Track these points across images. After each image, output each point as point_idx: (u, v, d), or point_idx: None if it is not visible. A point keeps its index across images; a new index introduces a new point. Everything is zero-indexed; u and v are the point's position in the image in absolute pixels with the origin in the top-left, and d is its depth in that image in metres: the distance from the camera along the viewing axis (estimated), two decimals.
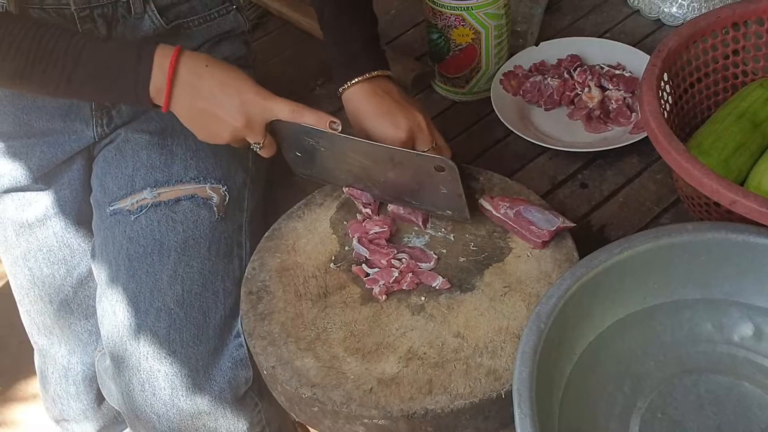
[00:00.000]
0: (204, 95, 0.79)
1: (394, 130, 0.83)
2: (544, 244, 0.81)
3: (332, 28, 0.89)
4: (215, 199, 0.89)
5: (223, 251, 0.87)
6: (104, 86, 0.79)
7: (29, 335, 1.05)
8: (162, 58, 0.77)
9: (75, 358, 1.02)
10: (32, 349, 1.07)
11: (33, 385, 1.47)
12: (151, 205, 0.87)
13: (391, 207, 0.87)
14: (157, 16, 0.90)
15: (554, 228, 0.80)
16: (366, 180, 0.86)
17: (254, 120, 0.80)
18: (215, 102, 0.78)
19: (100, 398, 1.06)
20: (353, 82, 0.86)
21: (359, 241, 0.83)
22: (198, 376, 0.81)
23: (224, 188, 0.90)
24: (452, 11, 0.98)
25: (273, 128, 0.82)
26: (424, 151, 0.85)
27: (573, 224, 0.82)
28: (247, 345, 0.82)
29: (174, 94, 0.79)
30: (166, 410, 0.81)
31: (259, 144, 0.82)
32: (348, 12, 0.88)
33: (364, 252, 0.83)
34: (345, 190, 0.89)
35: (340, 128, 0.80)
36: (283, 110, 0.80)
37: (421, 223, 0.85)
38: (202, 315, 0.83)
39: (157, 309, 0.82)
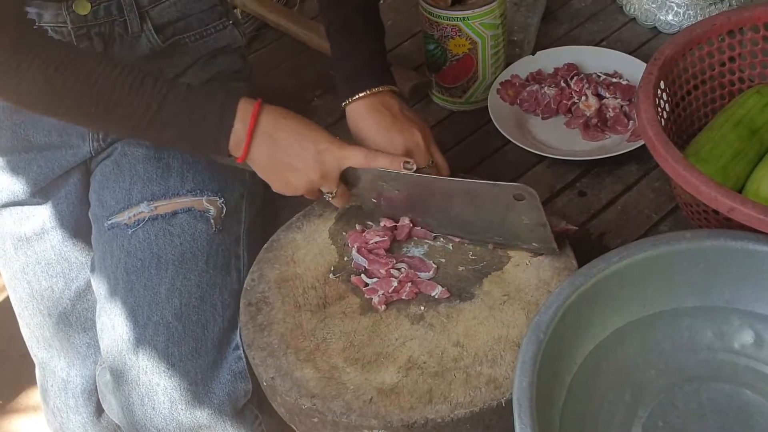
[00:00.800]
0: (281, 147, 0.80)
1: (391, 148, 0.84)
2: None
3: (338, 42, 0.90)
4: (212, 211, 0.89)
5: (220, 264, 0.87)
6: (184, 133, 0.79)
7: (29, 348, 1.05)
8: (244, 111, 0.78)
9: (74, 371, 1.02)
10: (33, 362, 1.07)
11: (34, 398, 1.47)
12: (148, 218, 0.87)
13: (404, 221, 0.86)
14: (154, 34, 0.90)
15: (557, 228, 0.80)
16: (444, 220, 0.84)
17: (329, 169, 0.81)
18: (292, 153, 0.80)
19: (99, 411, 1.06)
20: (355, 97, 0.87)
21: (358, 251, 0.83)
22: (197, 390, 0.81)
23: (221, 200, 0.90)
24: (448, 21, 0.98)
25: (346, 177, 0.83)
26: (422, 169, 0.84)
27: (575, 227, 0.82)
28: (246, 357, 0.82)
29: (253, 146, 0.79)
30: (165, 424, 0.81)
31: (332, 193, 0.83)
32: (355, 24, 0.89)
33: (363, 262, 0.83)
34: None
35: (414, 168, 0.81)
36: (357, 157, 0.81)
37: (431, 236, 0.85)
38: (200, 328, 0.83)
39: (155, 323, 0.82)
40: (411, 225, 0.85)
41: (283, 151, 0.80)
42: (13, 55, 0.73)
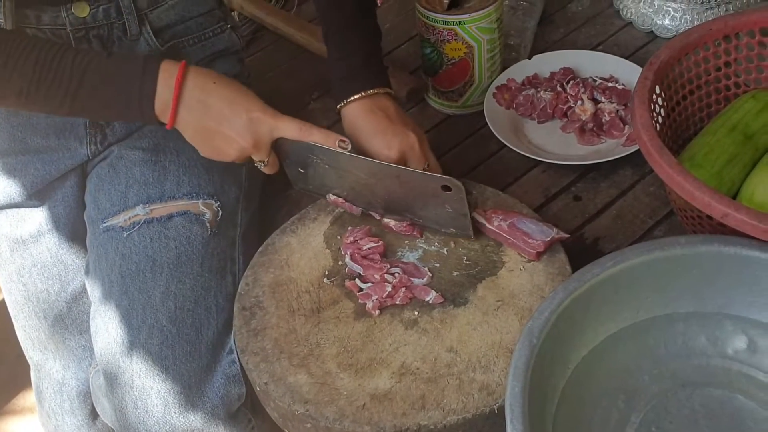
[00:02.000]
0: (212, 113, 0.78)
1: (386, 150, 0.84)
2: (539, 255, 0.80)
3: (335, 43, 0.90)
4: (208, 215, 0.89)
5: (215, 267, 0.87)
6: (108, 103, 0.78)
7: (24, 350, 1.05)
8: (167, 74, 0.77)
9: (69, 373, 1.02)
10: (29, 364, 1.07)
11: (30, 399, 1.47)
12: (144, 221, 0.87)
13: (385, 220, 0.87)
14: (153, 37, 0.90)
15: (549, 238, 0.80)
16: (368, 196, 0.86)
17: (262, 138, 0.80)
18: (223, 120, 0.78)
19: (94, 414, 1.06)
20: (350, 99, 0.87)
21: (352, 258, 0.83)
22: (191, 393, 0.81)
23: (217, 204, 0.90)
24: (445, 26, 0.98)
25: (277, 145, 0.83)
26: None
27: (567, 235, 0.82)
28: (240, 361, 0.82)
29: (180, 111, 0.78)
30: (158, 428, 0.81)
31: (263, 162, 0.82)
32: (351, 27, 0.89)
33: (358, 269, 0.83)
34: (330, 198, 0.89)
35: (349, 147, 0.81)
36: (291, 128, 0.80)
37: (417, 234, 0.86)
38: (194, 331, 0.83)
39: (149, 326, 0.82)
40: (341, 200, 0.87)
41: (213, 118, 0.78)
42: None
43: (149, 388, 0.81)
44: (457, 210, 0.81)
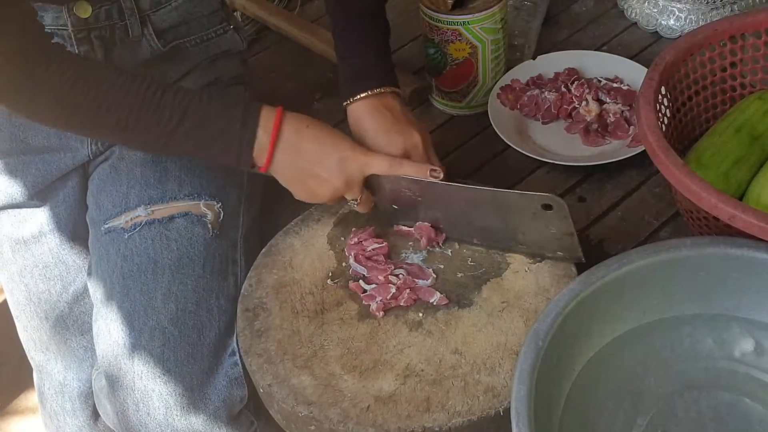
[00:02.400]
0: (304, 156, 0.79)
1: (390, 148, 0.84)
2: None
3: (343, 41, 0.89)
4: (209, 216, 0.88)
5: (217, 269, 0.87)
6: (205, 145, 0.78)
7: (26, 351, 1.05)
8: (267, 119, 0.78)
9: (71, 374, 1.02)
10: (31, 365, 1.07)
11: (32, 400, 1.46)
12: (145, 222, 0.87)
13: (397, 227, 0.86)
14: (155, 38, 0.90)
15: None
16: (464, 226, 0.83)
17: (353, 177, 0.81)
18: (315, 162, 0.79)
19: (96, 415, 1.05)
20: (356, 98, 0.86)
21: (356, 259, 0.83)
22: (192, 395, 0.81)
23: (219, 205, 0.90)
24: (449, 26, 0.98)
25: (368, 182, 0.83)
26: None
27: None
28: (242, 363, 0.82)
29: (276, 156, 0.79)
30: (160, 430, 0.80)
31: (356, 200, 0.83)
32: (360, 25, 0.88)
33: (362, 270, 0.82)
34: (415, 228, 0.85)
35: (441, 176, 0.80)
36: (381, 165, 0.81)
37: (424, 241, 0.85)
38: (196, 333, 0.83)
39: (151, 328, 0.82)
40: (433, 229, 0.84)
41: (306, 160, 0.80)
42: (23, 65, 0.71)
43: (151, 390, 0.81)
44: (562, 230, 0.76)
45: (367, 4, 0.88)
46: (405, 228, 0.86)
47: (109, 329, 0.84)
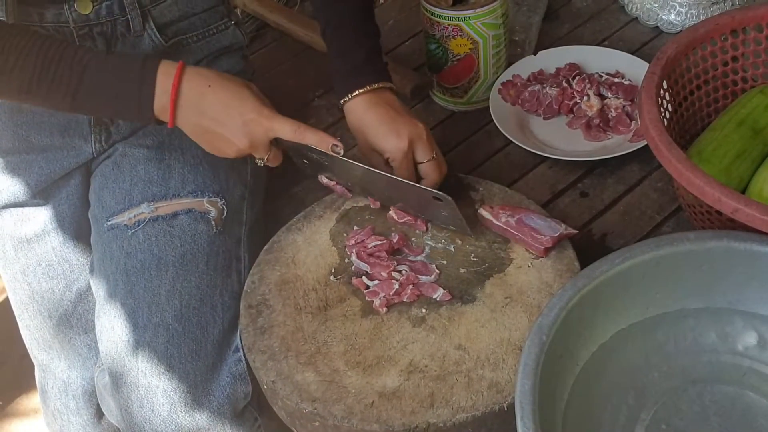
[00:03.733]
0: (207, 115, 0.79)
1: (396, 139, 0.84)
2: (547, 251, 0.80)
3: (335, 40, 0.89)
4: (213, 212, 0.89)
5: (221, 265, 0.87)
6: (108, 104, 0.79)
7: (29, 350, 1.05)
8: (165, 77, 0.78)
9: (75, 372, 1.02)
10: (33, 364, 1.07)
11: (34, 400, 1.46)
12: (149, 219, 0.87)
13: (390, 212, 0.87)
14: (156, 33, 0.90)
15: (557, 234, 0.80)
16: (370, 193, 0.88)
17: (258, 139, 0.80)
18: (218, 122, 0.79)
19: (99, 413, 1.06)
20: (355, 94, 0.87)
21: (358, 256, 0.83)
22: (196, 392, 0.81)
23: (222, 202, 0.90)
24: (450, 21, 0.98)
25: (277, 141, 0.83)
26: (423, 163, 0.85)
27: (575, 231, 0.81)
28: (246, 359, 0.82)
29: (178, 113, 0.79)
30: (164, 427, 0.80)
31: (263, 159, 0.83)
32: (350, 25, 0.89)
33: (365, 267, 0.82)
34: (323, 181, 0.90)
35: (342, 152, 0.81)
36: (285, 130, 0.80)
37: (423, 227, 0.86)
38: (200, 330, 0.83)
39: (155, 324, 0.82)
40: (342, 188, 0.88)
41: (209, 120, 0.79)
42: None
43: (155, 386, 0.81)
44: (452, 215, 0.82)
45: (355, 6, 0.89)
46: (327, 180, 0.89)
47: (112, 326, 0.84)
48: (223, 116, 0.79)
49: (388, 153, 0.85)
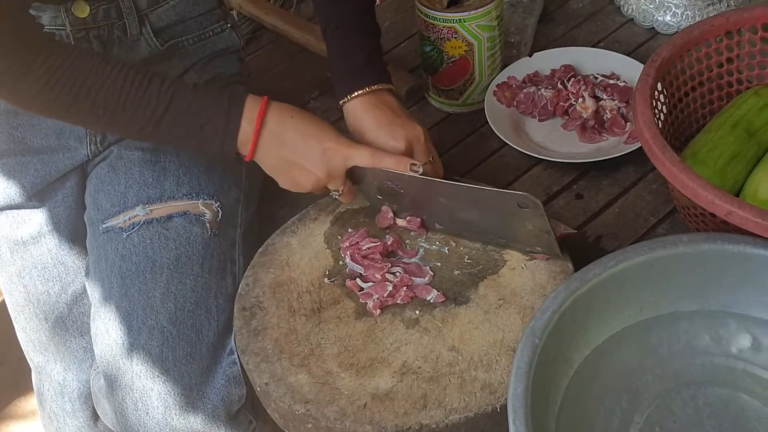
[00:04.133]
0: (288, 146, 0.80)
1: (393, 141, 0.84)
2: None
3: (335, 41, 0.90)
4: (208, 215, 0.89)
5: (216, 268, 0.87)
6: (191, 135, 0.79)
7: (25, 352, 1.05)
8: (251, 109, 0.79)
9: (70, 375, 1.02)
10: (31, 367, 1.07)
11: (32, 402, 1.46)
12: (144, 222, 0.87)
13: (398, 220, 0.87)
14: (153, 37, 0.90)
15: (559, 233, 0.79)
16: (447, 219, 0.84)
17: (335, 169, 0.81)
18: (298, 152, 0.80)
19: (96, 416, 1.05)
20: (354, 95, 0.87)
21: (352, 258, 0.83)
22: (191, 395, 0.81)
23: (217, 204, 0.90)
24: (444, 23, 0.98)
25: (352, 174, 0.83)
26: (423, 164, 0.84)
27: (574, 231, 0.81)
28: (240, 362, 0.82)
29: (259, 145, 0.80)
30: (159, 429, 0.80)
31: (338, 191, 0.84)
32: (351, 25, 0.89)
33: (359, 269, 0.82)
34: (399, 222, 0.87)
35: (421, 170, 0.81)
36: (363, 157, 0.81)
37: (417, 230, 0.85)
38: (195, 332, 0.83)
39: (149, 327, 0.82)
40: (418, 221, 0.85)
41: (289, 151, 0.80)
42: (19, 61, 0.72)
43: (150, 389, 0.81)
44: (538, 227, 0.77)
45: (355, 5, 0.89)
46: (402, 220, 0.87)
47: (107, 329, 0.84)
48: (302, 145, 0.80)
49: None
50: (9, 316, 1.03)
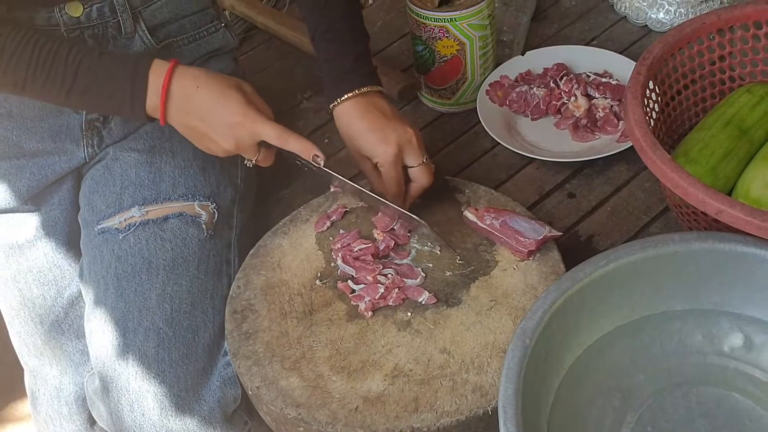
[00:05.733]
0: (195, 116, 0.80)
1: (384, 146, 0.83)
2: (530, 254, 0.80)
3: (324, 44, 0.89)
4: (204, 216, 0.88)
5: (212, 269, 0.87)
6: (102, 101, 0.80)
7: (19, 357, 1.04)
8: (156, 77, 0.79)
9: (67, 378, 1.01)
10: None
11: (27, 406, 1.46)
12: (140, 223, 0.87)
13: (378, 217, 0.87)
14: (148, 35, 0.90)
15: (541, 237, 0.79)
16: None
17: (243, 142, 0.81)
18: (205, 123, 0.80)
19: (92, 419, 1.05)
20: (344, 98, 0.86)
21: (344, 260, 0.82)
22: (187, 396, 0.81)
23: (213, 205, 0.90)
24: (436, 23, 0.97)
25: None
26: (412, 167, 0.85)
27: (559, 233, 0.81)
28: None
29: (168, 112, 0.80)
30: (155, 431, 0.80)
31: (251, 161, 0.83)
32: (339, 28, 0.88)
33: (350, 271, 0.82)
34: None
35: (323, 162, 0.81)
36: (269, 135, 0.81)
37: (405, 240, 0.85)
38: (191, 334, 0.82)
39: (145, 328, 0.82)
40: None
41: (197, 121, 0.81)
42: None
43: (145, 391, 0.81)
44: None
45: (342, 9, 0.88)
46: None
47: (102, 330, 0.84)
48: (208, 118, 0.80)
49: (376, 158, 0.84)
50: (2, 319, 1.03)
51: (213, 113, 0.80)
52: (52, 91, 0.78)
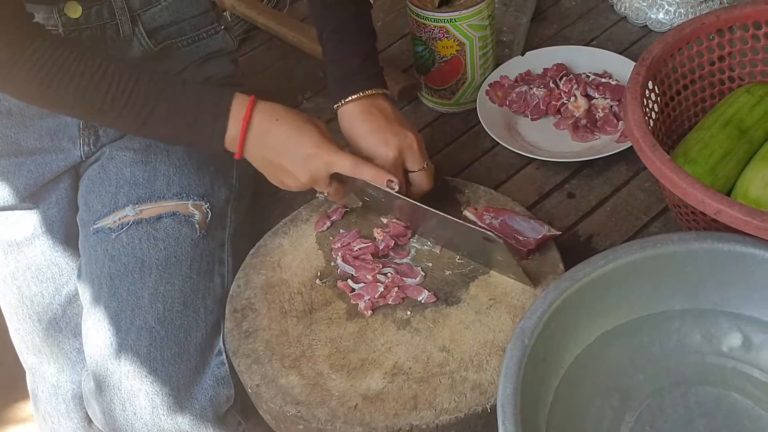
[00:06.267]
0: (272, 149, 0.81)
1: (385, 148, 0.84)
2: (530, 253, 0.80)
3: (331, 45, 0.90)
4: (197, 216, 0.88)
5: (204, 269, 0.87)
6: (178, 133, 0.80)
7: (19, 354, 1.05)
8: (238, 110, 0.79)
9: (64, 376, 1.01)
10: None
11: (29, 405, 1.46)
12: (133, 222, 0.87)
13: (387, 220, 0.86)
14: (146, 38, 0.90)
15: (540, 236, 0.79)
16: (430, 232, 0.85)
17: (318, 174, 0.81)
18: (282, 156, 0.81)
19: (90, 417, 1.06)
20: (348, 99, 0.87)
21: (344, 259, 0.82)
22: (179, 395, 0.81)
23: (207, 205, 0.90)
24: (436, 23, 0.97)
25: (339, 175, 0.83)
26: (413, 172, 0.85)
27: (558, 233, 0.81)
28: (229, 363, 0.82)
29: (246, 146, 0.81)
30: (147, 430, 0.80)
31: (323, 193, 0.85)
32: (347, 28, 0.89)
33: (350, 270, 0.82)
34: (384, 221, 0.87)
35: (397, 188, 0.81)
36: (343, 165, 0.81)
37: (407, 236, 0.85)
38: (183, 333, 0.82)
39: (138, 327, 0.82)
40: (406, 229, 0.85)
41: (273, 154, 0.81)
42: (12, 50, 0.73)
43: (137, 390, 0.81)
44: (506, 260, 0.77)
45: (352, 8, 0.89)
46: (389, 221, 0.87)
47: (96, 330, 0.84)
48: (285, 150, 0.80)
49: (376, 161, 0.85)
50: (2, 318, 1.03)
51: (290, 145, 0.80)
52: (130, 117, 0.78)
